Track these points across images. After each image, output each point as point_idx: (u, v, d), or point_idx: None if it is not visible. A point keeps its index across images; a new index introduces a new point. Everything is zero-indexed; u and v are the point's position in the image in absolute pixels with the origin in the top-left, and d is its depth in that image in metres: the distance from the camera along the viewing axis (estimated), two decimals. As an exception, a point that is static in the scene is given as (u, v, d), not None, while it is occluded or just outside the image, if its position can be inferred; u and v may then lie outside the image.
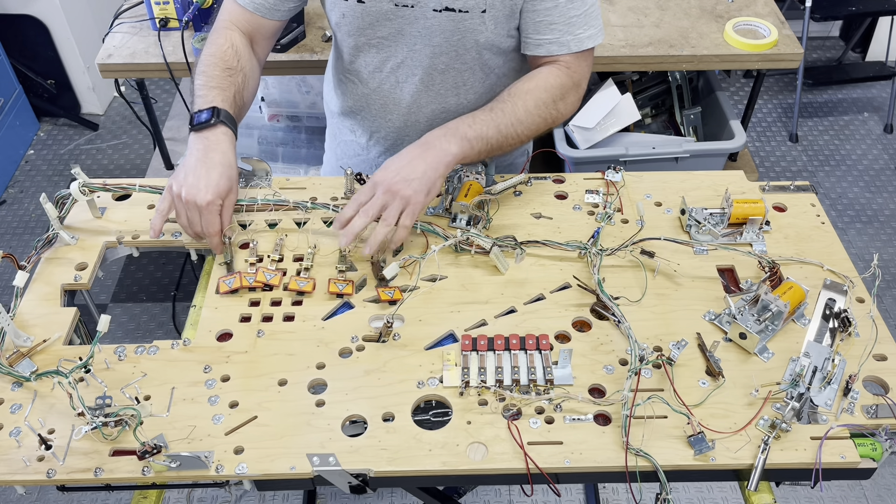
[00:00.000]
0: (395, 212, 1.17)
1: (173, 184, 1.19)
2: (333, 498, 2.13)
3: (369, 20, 1.30)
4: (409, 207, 1.17)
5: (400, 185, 1.17)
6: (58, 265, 1.22)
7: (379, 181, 1.18)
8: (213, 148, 1.21)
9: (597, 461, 0.98)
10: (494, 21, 1.27)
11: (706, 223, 1.27)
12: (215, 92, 1.26)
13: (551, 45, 1.29)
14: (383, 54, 1.35)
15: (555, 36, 1.28)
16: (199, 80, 1.29)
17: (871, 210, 2.97)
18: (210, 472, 0.96)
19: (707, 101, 2.42)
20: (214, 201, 1.18)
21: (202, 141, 1.21)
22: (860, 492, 2.13)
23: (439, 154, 1.20)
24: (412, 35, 1.30)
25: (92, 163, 3.16)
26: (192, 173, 1.18)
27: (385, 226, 1.17)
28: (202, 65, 1.30)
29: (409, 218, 1.17)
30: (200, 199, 1.17)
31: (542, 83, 1.30)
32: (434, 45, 1.30)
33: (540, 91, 1.29)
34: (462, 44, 1.30)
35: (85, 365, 1.01)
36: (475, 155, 1.25)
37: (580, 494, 2.13)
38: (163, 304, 2.63)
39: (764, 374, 1.07)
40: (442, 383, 1.06)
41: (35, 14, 3.02)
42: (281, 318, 1.15)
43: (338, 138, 1.59)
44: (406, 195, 1.17)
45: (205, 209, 1.17)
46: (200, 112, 1.24)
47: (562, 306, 1.17)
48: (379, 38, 1.33)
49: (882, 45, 3.54)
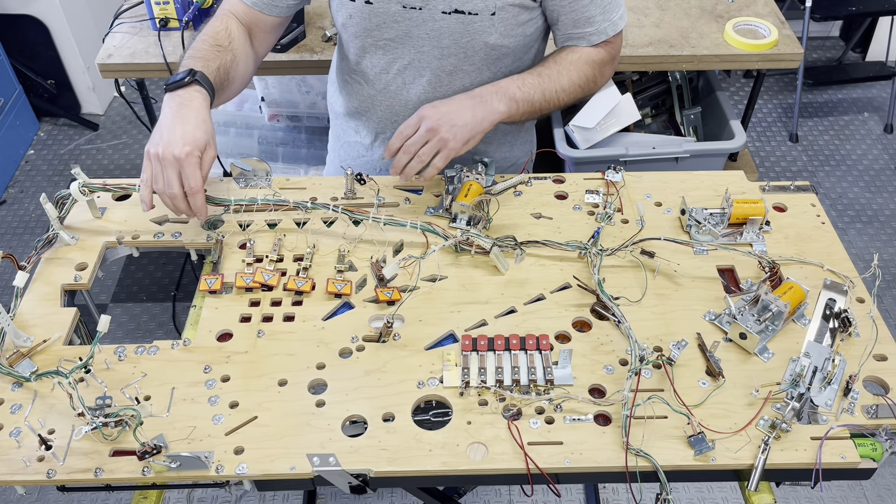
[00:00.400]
0: (430, 150, 1.23)
1: (149, 147, 1.15)
2: (333, 498, 2.13)
3: (376, 21, 1.30)
4: (445, 151, 1.23)
5: (443, 126, 1.22)
6: (58, 265, 1.22)
7: (426, 116, 1.24)
8: (186, 105, 1.18)
9: (597, 461, 0.98)
10: (504, 23, 1.28)
11: (706, 223, 1.27)
12: (197, 61, 1.24)
13: (592, 36, 1.35)
14: (390, 56, 1.35)
15: (595, 28, 1.33)
16: (185, 55, 1.28)
17: (871, 210, 2.97)
18: (210, 472, 0.96)
19: (707, 101, 2.42)
20: (192, 152, 1.14)
21: (175, 99, 1.19)
22: (860, 492, 2.13)
23: (487, 110, 1.26)
24: (420, 37, 1.30)
25: (92, 163, 3.16)
26: (166, 130, 1.15)
27: (418, 162, 1.23)
28: (192, 45, 1.29)
29: (441, 160, 1.23)
30: (177, 151, 1.13)
31: (586, 57, 1.36)
32: (442, 48, 1.31)
33: (583, 64, 1.35)
34: (471, 46, 1.30)
35: (85, 365, 1.01)
36: (519, 116, 1.31)
37: (580, 494, 2.13)
38: (163, 304, 2.63)
39: (764, 375, 1.07)
40: (442, 383, 1.06)
41: (35, 14, 3.02)
42: (281, 319, 1.15)
43: (341, 139, 1.58)
44: (445, 138, 1.22)
45: (184, 161, 1.13)
46: (176, 74, 1.22)
47: (562, 306, 1.17)
48: (386, 40, 1.33)
49: (882, 45, 3.54)
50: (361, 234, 1.28)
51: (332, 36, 2.06)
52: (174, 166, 1.13)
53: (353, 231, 1.28)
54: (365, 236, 1.27)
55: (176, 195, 1.15)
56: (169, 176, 1.14)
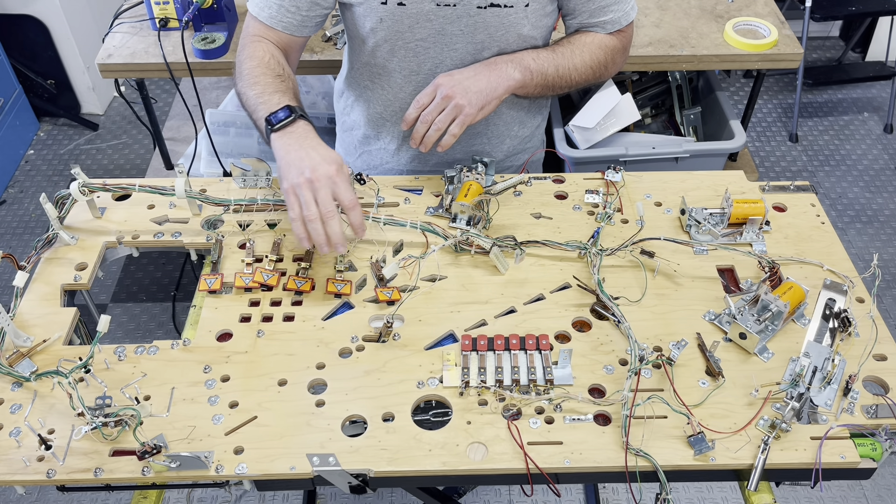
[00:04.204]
0: (446, 118, 1.24)
1: (290, 183, 1.13)
2: (333, 498, 2.13)
3: (409, 23, 1.29)
4: (461, 117, 1.23)
5: (458, 93, 1.23)
6: (58, 265, 1.22)
7: (441, 84, 1.25)
8: (304, 136, 1.17)
9: (597, 461, 0.98)
10: (535, 13, 1.30)
11: (706, 223, 1.27)
12: (279, 95, 1.23)
13: (607, 25, 1.36)
14: (421, 57, 1.34)
15: (610, 17, 1.35)
16: (253, 91, 1.25)
17: (871, 210, 2.97)
18: (210, 472, 0.96)
19: (707, 101, 2.42)
20: (342, 167, 1.14)
21: (289, 136, 1.17)
22: (860, 492, 2.13)
23: (502, 76, 1.27)
24: (453, 34, 1.30)
25: (92, 163, 3.16)
26: (303, 160, 1.13)
27: (436, 131, 1.25)
28: (249, 77, 1.27)
29: (458, 127, 1.24)
30: (328, 170, 1.11)
31: (599, 42, 1.37)
32: (476, 42, 1.31)
33: (596, 48, 1.36)
34: (505, 38, 1.31)
35: (85, 365, 1.02)
36: (532, 87, 1.32)
37: (580, 494, 2.13)
38: (163, 304, 2.63)
39: (764, 374, 1.07)
40: (442, 383, 1.06)
41: (35, 14, 3.02)
42: (281, 319, 1.15)
43: (359, 150, 1.54)
44: (461, 104, 1.23)
45: (336, 177, 1.12)
46: (275, 113, 1.19)
47: (562, 306, 1.17)
48: (417, 41, 1.31)
49: (882, 45, 3.54)
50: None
51: (331, 36, 2.06)
52: (328, 186, 1.11)
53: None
54: (364, 236, 1.27)
55: (333, 213, 1.12)
56: (324, 197, 1.11)
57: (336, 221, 1.12)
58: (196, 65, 2.00)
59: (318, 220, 1.11)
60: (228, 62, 2.03)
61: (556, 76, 1.33)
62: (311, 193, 1.11)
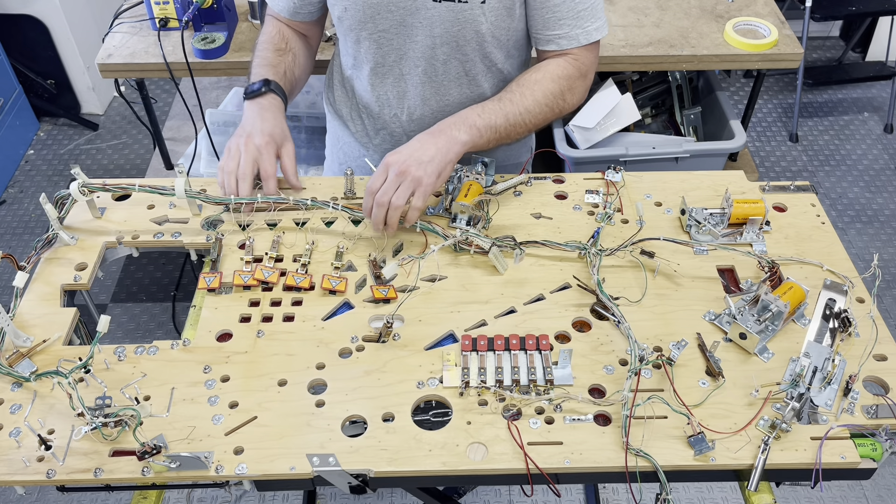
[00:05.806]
0: (404, 192, 1.20)
1: (230, 142, 1.30)
2: (333, 498, 2.13)
3: (370, 13, 1.31)
4: (421, 189, 1.20)
5: (412, 166, 1.20)
6: (57, 265, 1.22)
7: (391, 163, 1.22)
8: (266, 108, 1.33)
9: (597, 461, 0.98)
10: (494, 13, 1.29)
11: (706, 223, 1.27)
12: (266, 68, 1.39)
13: (561, 40, 1.33)
14: (385, 48, 1.36)
15: (564, 31, 1.32)
16: (253, 62, 1.42)
17: (871, 210, 2.97)
18: (210, 472, 0.96)
19: (707, 101, 2.42)
20: (270, 143, 1.29)
21: (255, 105, 1.34)
22: (860, 492, 2.13)
23: (449, 141, 1.24)
24: (413, 26, 1.31)
25: (92, 163, 3.16)
26: (248, 126, 1.31)
27: (395, 209, 1.20)
28: (256, 50, 1.44)
29: (420, 199, 1.21)
30: (258, 141, 1.28)
31: (551, 74, 1.33)
32: (434, 36, 1.32)
33: (548, 82, 1.33)
34: (462, 35, 1.31)
35: (85, 365, 1.01)
36: (484, 143, 1.29)
37: (580, 494, 2.13)
38: (163, 304, 2.63)
39: (764, 375, 1.07)
40: (442, 383, 1.06)
41: (35, 14, 3.02)
42: (281, 319, 1.15)
43: (342, 140, 1.59)
44: (417, 176, 1.20)
45: (264, 148, 1.28)
46: (253, 83, 1.36)
47: (562, 306, 1.17)
48: (380, 32, 1.34)
49: (882, 45, 3.54)
50: (361, 232, 1.28)
51: (331, 36, 2.06)
52: (253, 153, 1.28)
53: (353, 230, 1.28)
54: (364, 235, 1.27)
55: (247, 176, 1.27)
56: (245, 160, 1.27)
57: (246, 184, 1.27)
58: (196, 65, 2.00)
59: (234, 175, 1.28)
60: (228, 62, 2.03)
61: (508, 125, 1.30)
62: (238, 153, 1.29)
